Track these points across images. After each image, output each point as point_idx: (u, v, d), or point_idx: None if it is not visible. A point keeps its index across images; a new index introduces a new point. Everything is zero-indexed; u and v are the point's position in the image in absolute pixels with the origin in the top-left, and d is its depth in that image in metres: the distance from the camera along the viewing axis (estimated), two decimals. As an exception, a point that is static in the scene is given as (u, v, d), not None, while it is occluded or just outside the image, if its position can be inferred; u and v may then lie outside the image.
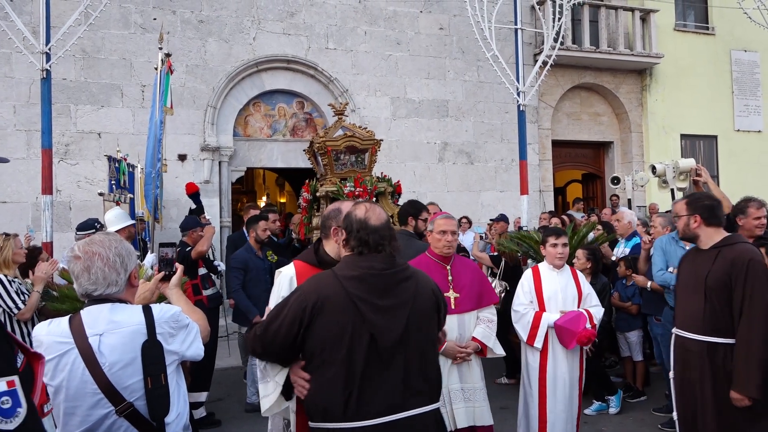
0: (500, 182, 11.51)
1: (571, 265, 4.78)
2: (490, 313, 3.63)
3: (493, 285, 5.37)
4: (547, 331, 3.91)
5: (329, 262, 2.69)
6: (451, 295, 3.45)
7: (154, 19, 9.41)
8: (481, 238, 7.56)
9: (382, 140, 6.56)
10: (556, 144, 12.36)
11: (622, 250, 6.25)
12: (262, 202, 16.34)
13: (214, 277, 5.95)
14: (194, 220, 6.11)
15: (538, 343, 3.90)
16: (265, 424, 5.36)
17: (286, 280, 2.70)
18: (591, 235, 6.20)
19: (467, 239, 8.88)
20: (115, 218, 5.55)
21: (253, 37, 10.05)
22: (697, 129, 13.20)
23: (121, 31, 9.30)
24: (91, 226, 5.78)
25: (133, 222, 5.63)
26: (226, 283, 5.67)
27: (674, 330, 3.35)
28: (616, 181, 10.89)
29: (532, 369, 3.98)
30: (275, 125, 10.46)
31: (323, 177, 6.26)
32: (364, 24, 10.76)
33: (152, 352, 1.94)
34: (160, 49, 5.68)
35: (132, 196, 7.57)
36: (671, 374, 3.34)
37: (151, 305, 2.05)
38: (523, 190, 8.23)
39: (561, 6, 8.78)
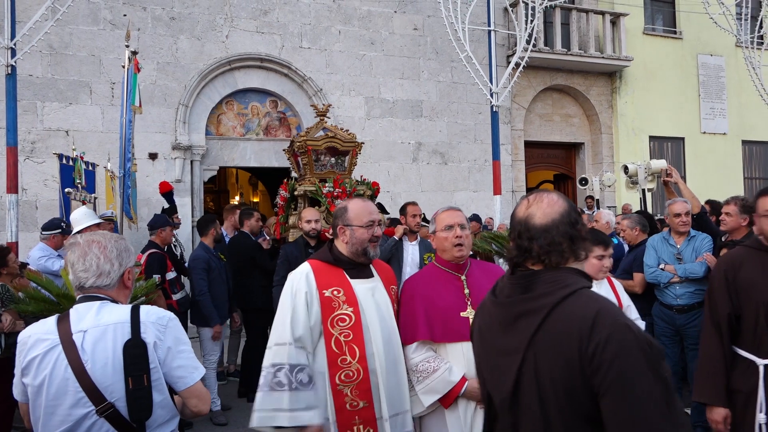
0: (473, 182, 11.59)
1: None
2: None
3: None
4: None
5: (345, 260, 2.63)
6: (470, 314, 2.65)
7: (124, 15, 9.24)
8: None
9: (363, 143, 6.54)
10: (529, 145, 12.50)
11: None
12: (234, 202, 16.19)
13: (183, 279, 5.86)
14: (163, 218, 6.01)
15: None
16: (238, 427, 5.32)
17: (302, 278, 2.54)
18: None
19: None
20: (81, 217, 5.41)
21: (225, 35, 9.94)
22: (664, 131, 13.48)
23: (90, 27, 9.11)
24: (57, 225, 5.66)
25: (98, 221, 5.50)
26: (191, 284, 5.58)
27: None
28: (584, 182, 11.06)
29: None
30: (248, 124, 10.37)
31: (302, 177, 6.22)
32: (338, 23, 10.73)
33: (134, 352, 1.90)
34: (127, 47, 5.58)
35: (95, 195, 7.40)
36: (762, 418, 2.65)
37: (141, 306, 2.01)
38: (496, 190, 8.30)
39: (533, 8, 8.88)
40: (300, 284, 2.52)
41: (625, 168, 7.41)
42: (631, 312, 3.57)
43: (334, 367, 2.46)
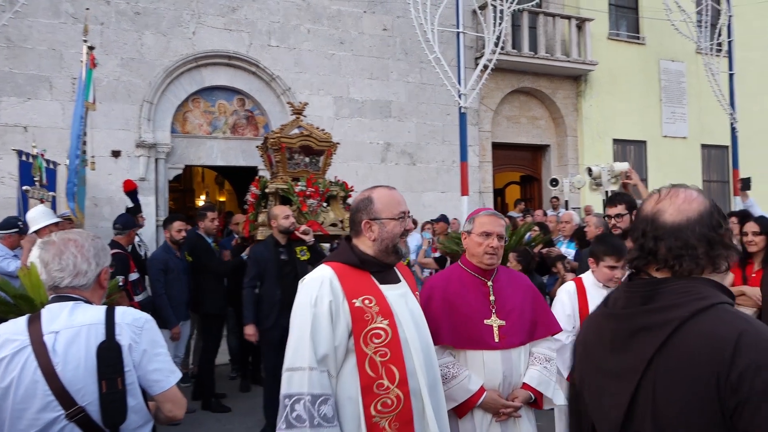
0: (441, 183, 11.65)
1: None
2: (547, 348, 2.70)
3: None
4: None
5: (371, 261, 2.19)
6: (494, 323, 2.55)
7: (87, 9, 8.97)
8: (429, 244, 7.56)
9: (338, 143, 6.48)
10: (496, 146, 12.62)
11: (565, 249, 6.46)
12: (200, 201, 15.97)
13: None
14: (131, 219, 5.93)
15: None
16: (197, 429, 5.23)
17: (325, 283, 2.07)
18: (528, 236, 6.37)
19: (413, 240, 8.93)
20: (38, 216, 5.23)
21: (192, 32, 9.78)
22: (627, 134, 13.78)
23: (51, 20, 8.86)
24: (13, 224, 5.48)
25: (57, 220, 5.34)
26: (150, 284, 5.54)
27: None
28: (554, 182, 11.24)
29: None
30: (215, 122, 10.22)
31: (275, 175, 6.14)
32: (307, 22, 10.67)
33: (108, 354, 1.84)
34: (85, 41, 5.45)
35: (54, 194, 7.19)
36: None
37: (116, 307, 1.96)
38: (464, 191, 8.38)
39: (502, 11, 8.99)
40: (322, 291, 2.05)
41: (589, 170, 7.55)
42: None
43: (369, 394, 2.01)
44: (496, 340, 2.52)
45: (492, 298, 2.59)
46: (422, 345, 2.15)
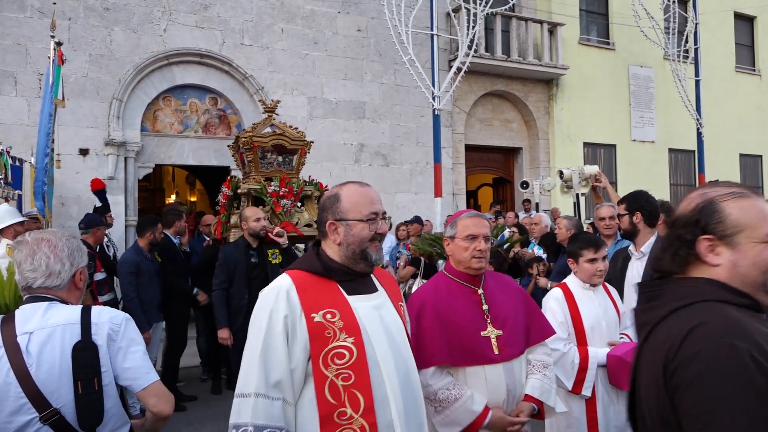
0: (415, 184, 11.69)
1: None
2: (544, 354, 2.55)
3: (417, 286, 5.24)
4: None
5: (339, 268, 1.90)
6: (491, 333, 2.37)
7: (54, 3, 8.80)
8: (406, 259, 7.47)
9: (312, 142, 6.42)
10: (469, 148, 12.71)
11: (536, 251, 6.53)
12: (170, 201, 15.75)
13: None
14: (98, 218, 5.80)
15: (587, 390, 2.96)
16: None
17: (281, 296, 1.78)
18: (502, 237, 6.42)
19: (386, 242, 8.93)
20: (2, 215, 5.05)
21: (163, 29, 9.63)
22: (598, 138, 14.01)
23: (16, 14, 8.64)
24: (-23, 224, 5.30)
25: (22, 219, 5.18)
26: (121, 288, 5.40)
27: None
28: (525, 185, 11.37)
29: (577, 424, 3.01)
30: (186, 121, 10.08)
31: (247, 175, 6.04)
32: (281, 21, 10.60)
33: (85, 355, 1.81)
34: (52, 37, 5.32)
35: (20, 192, 7.00)
36: None
37: (92, 307, 1.93)
38: (437, 192, 8.42)
39: (475, 15, 9.06)
40: (277, 305, 1.77)
41: (561, 173, 7.65)
42: (626, 319, 3.15)
43: (330, 424, 1.71)
44: (496, 352, 2.34)
45: (485, 307, 2.42)
46: (398, 367, 1.83)
